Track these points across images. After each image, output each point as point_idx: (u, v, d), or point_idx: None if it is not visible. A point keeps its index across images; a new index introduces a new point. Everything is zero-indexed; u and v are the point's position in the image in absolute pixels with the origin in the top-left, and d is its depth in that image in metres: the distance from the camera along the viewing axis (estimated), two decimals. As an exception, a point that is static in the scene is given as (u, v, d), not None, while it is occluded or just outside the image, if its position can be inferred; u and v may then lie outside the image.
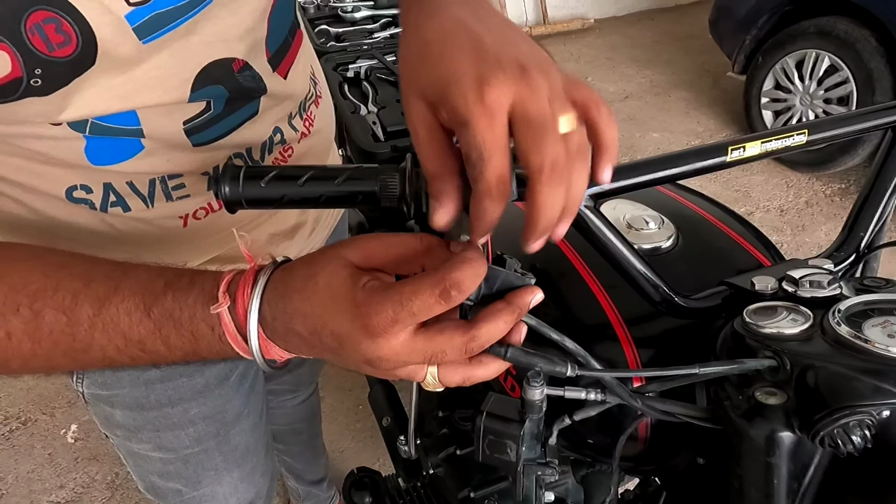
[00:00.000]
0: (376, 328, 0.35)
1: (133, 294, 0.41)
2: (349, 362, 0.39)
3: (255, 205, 0.45)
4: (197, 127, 0.54)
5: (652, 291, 0.53)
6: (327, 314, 0.37)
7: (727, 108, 3.26)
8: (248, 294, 0.39)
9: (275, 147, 0.62)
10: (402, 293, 0.34)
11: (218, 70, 0.51)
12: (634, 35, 4.25)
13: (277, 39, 0.57)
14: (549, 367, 0.41)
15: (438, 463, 1.04)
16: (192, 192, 0.58)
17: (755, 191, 2.66)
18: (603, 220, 0.48)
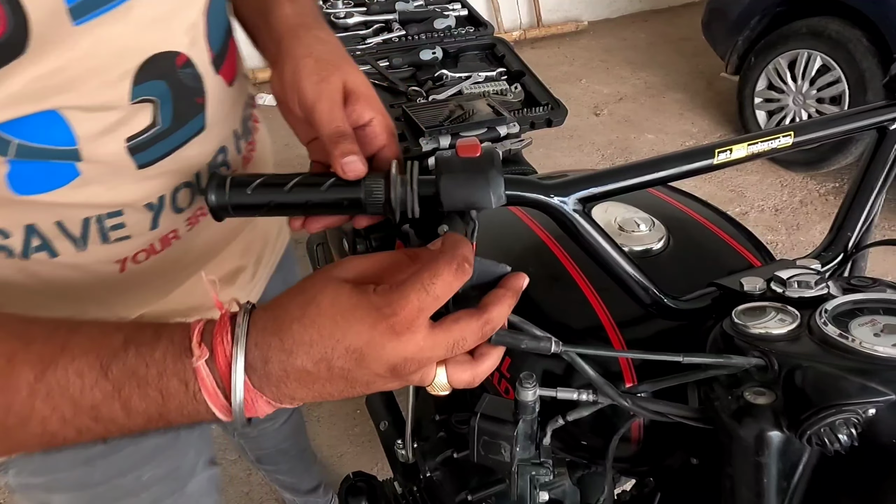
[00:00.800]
0: (402, 322, 0.35)
1: (85, 352, 0.36)
2: (365, 379, 0.37)
3: (242, 211, 0.46)
4: (142, 144, 0.49)
5: (642, 294, 0.53)
6: (339, 332, 0.35)
7: (721, 108, 3.28)
8: (228, 341, 0.36)
9: (219, 171, 0.58)
10: (421, 280, 0.36)
11: (161, 64, 0.47)
12: (628, 37, 4.27)
13: (218, 38, 0.54)
14: (534, 343, 0.42)
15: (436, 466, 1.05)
16: (132, 230, 0.52)
17: (750, 191, 2.67)
18: (592, 224, 0.49)
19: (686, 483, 0.61)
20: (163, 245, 0.55)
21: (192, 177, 0.54)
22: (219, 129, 0.56)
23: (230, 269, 0.66)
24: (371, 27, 1.32)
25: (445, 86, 1.17)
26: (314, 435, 1.72)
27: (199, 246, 0.59)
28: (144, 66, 0.46)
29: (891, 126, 0.57)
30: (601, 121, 3.26)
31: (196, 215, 0.56)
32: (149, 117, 0.48)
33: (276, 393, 0.37)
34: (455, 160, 0.43)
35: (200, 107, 0.52)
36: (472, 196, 0.42)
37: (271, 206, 0.45)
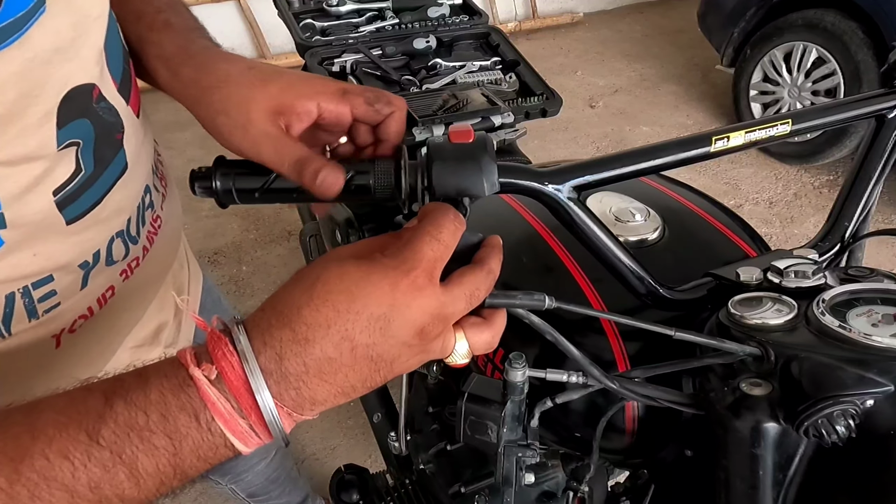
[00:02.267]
0: (423, 275, 0.34)
1: (63, 427, 0.30)
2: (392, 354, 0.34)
3: (249, 197, 0.45)
4: (70, 196, 0.43)
5: (637, 284, 0.52)
6: (358, 302, 0.33)
7: (716, 101, 3.27)
8: (232, 351, 0.32)
9: (146, 213, 0.53)
10: (428, 231, 0.36)
11: (80, 99, 0.42)
12: (624, 29, 4.25)
13: (118, 65, 0.48)
14: (528, 301, 0.41)
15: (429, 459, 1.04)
16: (64, 297, 0.45)
17: (744, 183, 2.67)
18: (587, 213, 0.48)
19: (680, 475, 0.60)
20: (100, 305, 0.49)
21: (124, 224, 0.49)
22: (140, 167, 0.51)
23: (153, 329, 0.60)
24: (364, 15, 1.30)
25: (439, 75, 1.16)
26: (307, 427, 1.72)
27: (132, 299, 0.54)
28: (64, 103, 0.41)
29: (889, 115, 0.56)
30: (596, 113, 3.25)
31: (130, 265, 0.51)
32: (72, 164, 0.43)
33: (296, 398, 0.33)
34: (447, 146, 0.42)
35: (119, 143, 0.48)
36: (464, 183, 0.41)
37: (279, 191, 0.44)
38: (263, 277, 2.23)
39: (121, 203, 0.49)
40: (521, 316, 0.42)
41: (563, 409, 0.54)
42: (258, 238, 2.42)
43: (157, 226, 0.56)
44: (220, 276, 2.23)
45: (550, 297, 0.41)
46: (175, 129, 3.11)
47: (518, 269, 0.67)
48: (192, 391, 0.31)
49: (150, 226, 0.54)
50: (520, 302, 0.41)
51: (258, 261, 2.31)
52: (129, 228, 0.50)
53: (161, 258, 0.58)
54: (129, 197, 0.50)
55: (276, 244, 2.38)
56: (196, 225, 2.47)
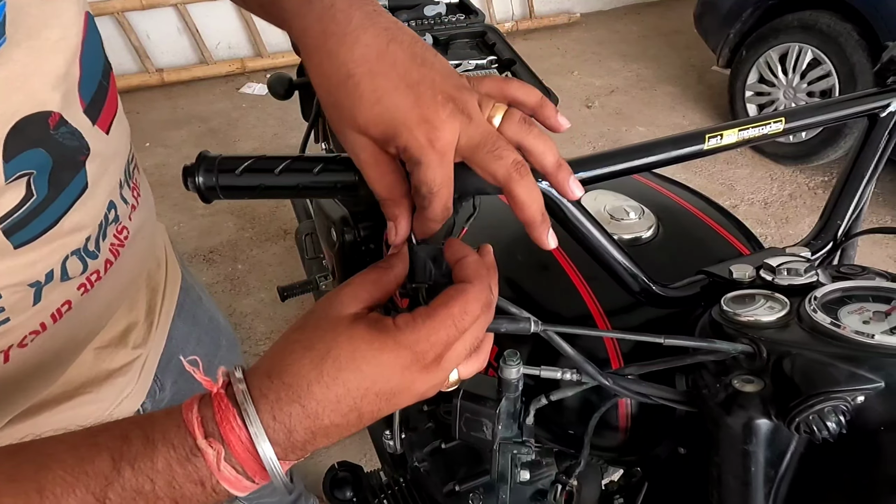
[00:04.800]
0: (434, 359, 0.34)
1: (70, 489, 0.30)
2: (391, 409, 0.35)
3: (231, 193, 0.44)
4: (18, 223, 0.41)
5: (631, 281, 0.52)
6: (367, 381, 0.33)
7: (712, 102, 3.28)
8: (241, 426, 0.32)
9: (109, 228, 0.51)
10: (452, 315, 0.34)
11: (32, 128, 0.40)
12: (621, 30, 4.26)
13: (91, 85, 0.46)
14: (512, 325, 0.41)
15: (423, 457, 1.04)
16: (13, 313, 0.44)
17: (740, 184, 2.68)
18: (581, 210, 0.48)
19: (673, 473, 0.60)
20: (54, 320, 0.47)
21: (81, 242, 0.47)
22: (104, 184, 0.48)
23: (120, 330, 0.58)
24: (360, 14, 1.30)
25: (435, 73, 1.16)
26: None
27: (92, 311, 0.52)
28: (11, 135, 0.38)
29: (881, 113, 0.56)
30: (593, 113, 3.26)
31: (89, 279, 0.49)
32: (22, 191, 0.40)
33: (300, 454, 0.35)
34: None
35: (81, 164, 0.45)
36: (485, 183, 0.40)
37: (261, 188, 0.44)
38: (259, 276, 2.23)
39: (79, 223, 0.47)
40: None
41: (557, 406, 0.54)
42: (254, 236, 2.41)
43: (122, 237, 0.53)
44: (215, 274, 2.23)
45: (535, 321, 0.41)
46: (171, 128, 3.11)
47: (513, 268, 0.67)
48: (198, 462, 0.32)
49: (114, 238, 0.52)
50: (504, 328, 0.41)
51: (254, 259, 2.31)
52: (87, 245, 0.48)
53: (129, 267, 0.56)
54: (88, 216, 0.48)
55: (272, 242, 2.38)
56: (191, 223, 2.46)
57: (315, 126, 1.50)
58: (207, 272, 2.24)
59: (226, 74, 3.65)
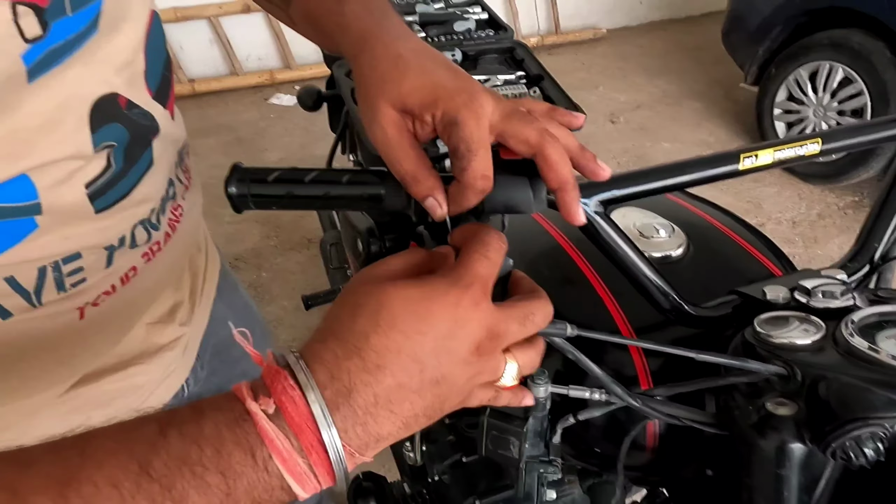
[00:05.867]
0: (479, 290, 0.35)
1: (113, 453, 0.29)
2: (454, 375, 0.34)
3: (262, 202, 0.46)
4: (100, 189, 0.46)
5: (662, 299, 0.52)
6: (424, 323, 0.33)
7: (739, 119, 3.25)
8: (293, 385, 0.31)
9: (167, 204, 0.55)
10: (477, 250, 0.36)
11: (108, 107, 0.45)
12: (646, 45, 4.25)
13: (156, 74, 0.51)
14: (548, 329, 0.41)
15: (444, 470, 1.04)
16: (90, 273, 0.48)
17: (767, 202, 2.65)
18: (613, 227, 0.48)
19: (700, 494, 0.59)
20: (122, 283, 0.52)
21: (147, 213, 0.51)
22: (164, 162, 0.53)
23: (168, 307, 0.62)
24: (391, 28, 1.32)
25: (464, 88, 1.17)
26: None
27: (152, 280, 0.57)
28: (93, 111, 0.43)
29: (921, 136, 0.56)
30: (617, 128, 3.25)
31: (151, 249, 0.54)
32: (104, 161, 0.46)
33: (362, 435, 0.32)
34: (497, 162, 0.42)
35: (149, 142, 0.50)
36: (514, 199, 0.41)
37: (290, 197, 0.45)
38: (282, 284, 2.25)
39: (146, 195, 0.51)
40: (549, 340, 0.42)
41: (583, 424, 0.54)
42: (278, 245, 2.44)
43: (178, 214, 0.58)
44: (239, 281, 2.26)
45: (572, 326, 0.41)
46: (200, 136, 3.17)
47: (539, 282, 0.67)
48: (248, 426, 0.30)
49: (171, 214, 0.57)
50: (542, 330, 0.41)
51: (277, 267, 2.33)
52: (152, 217, 0.53)
53: (181, 244, 0.60)
54: (153, 189, 0.52)
55: (296, 251, 2.41)
56: (217, 230, 2.50)
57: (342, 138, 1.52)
58: (232, 279, 2.27)
59: (255, 85, 3.72)
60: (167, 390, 0.62)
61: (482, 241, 0.37)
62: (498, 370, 0.38)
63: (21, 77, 0.37)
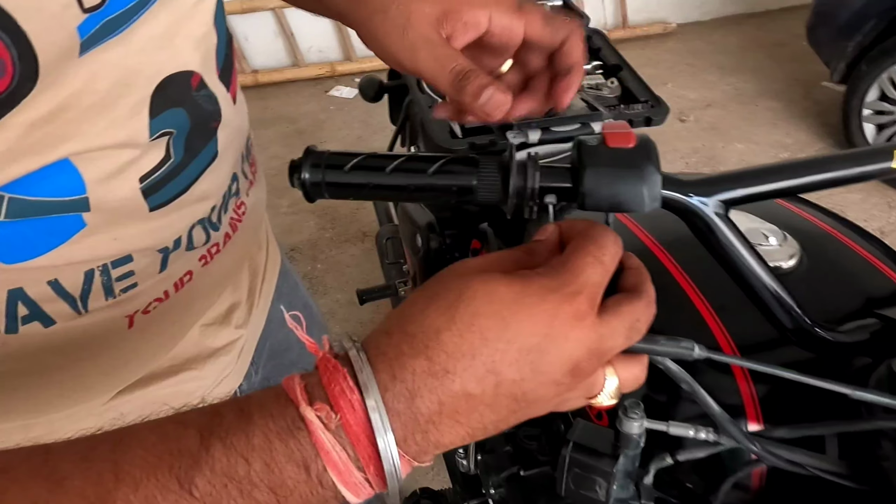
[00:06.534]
0: (586, 302, 0.29)
1: (152, 470, 0.25)
2: (537, 393, 0.29)
3: (338, 192, 0.41)
4: (156, 183, 0.41)
5: (784, 317, 0.45)
6: (509, 330, 0.28)
7: (820, 119, 3.03)
8: (352, 387, 0.27)
9: (230, 201, 0.50)
10: (590, 251, 0.30)
11: (175, 88, 0.40)
12: (718, 41, 4.04)
13: (223, 49, 0.46)
14: (672, 348, 0.34)
15: (499, 483, 0.98)
16: (141, 278, 0.43)
17: (852, 210, 2.45)
18: (734, 231, 0.41)
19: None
20: (176, 289, 0.47)
21: (207, 212, 0.47)
22: (230, 155, 0.49)
23: (225, 309, 0.58)
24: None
25: (536, 77, 1.10)
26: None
27: (208, 284, 0.52)
28: (157, 92, 0.39)
29: None
30: (686, 127, 3.09)
31: (210, 251, 0.49)
32: (162, 152, 0.41)
33: (421, 443, 0.28)
34: (603, 151, 0.36)
35: (213, 132, 0.45)
36: (622, 196, 0.35)
37: (370, 187, 0.40)
38: (337, 276, 2.24)
39: (207, 191, 0.46)
40: (657, 361, 0.36)
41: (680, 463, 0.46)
42: (334, 237, 2.43)
43: (240, 213, 0.53)
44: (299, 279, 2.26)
45: (701, 346, 0.34)
46: (260, 127, 3.21)
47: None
48: (302, 436, 0.26)
49: (234, 213, 0.52)
50: (663, 349, 0.34)
51: (332, 259, 2.32)
52: (212, 216, 0.48)
53: (242, 244, 0.55)
54: (215, 185, 0.47)
55: (351, 244, 2.39)
56: (274, 221, 2.51)
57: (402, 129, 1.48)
58: (287, 269, 2.27)
59: (315, 77, 3.74)
60: (220, 395, 0.57)
61: (597, 242, 0.31)
62: (594, 387, 0.32)
63: (75, 50, 0.33)
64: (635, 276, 0.34)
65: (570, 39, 0.42)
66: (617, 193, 0.36)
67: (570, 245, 0.31)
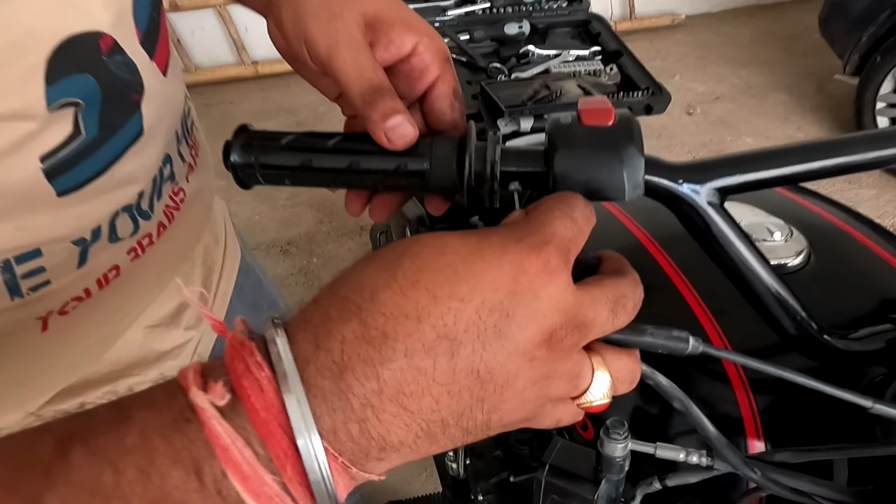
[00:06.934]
0: (556, 253, 0.24)
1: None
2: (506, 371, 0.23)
3: (272, 173, 0.36)
4: (63, 163, 0.35)
5: (788, 322, 0.39)
6: (465, 285, 0.23)
7: (833, 113, 2.96)
8: (260, 363, 0.22)
9: (164, 186, 0.45)
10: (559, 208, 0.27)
11: (81, 49, 0.34)
12: (729, 33, 3.96)
13: (144, 13, 0.40)
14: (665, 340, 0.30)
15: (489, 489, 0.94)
16: (55, 275, 0.38)
17: (864, 206, 2.38)
18: (730, 223, 0.36)
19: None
20: (100, 286, 0.41)
21: (133, 198, 0.41)
22: (160, 133, 0.43)
23: (172, 308, 0.52)
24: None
25: (531, 63, 1.05)
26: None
27: (143, 281, 0.46)
28: (57, 55, 0.33)
29: None
30: (694, 120, 3.02)
31: (140, 243, 0.44)
32: (68, 126, 0.35)
33: (358, 437, 0.22)
34: (578, 129, 0.31)
35: (136, 105, 0.40)
36: (599, 181, 0.30)
37: (307, 169, 0.35)
38: (333, 270, 2.19)
39: (132, 174, 0.40)
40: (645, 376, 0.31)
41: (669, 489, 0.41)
42: (331, 231, 2.39)
43: (178, 199, 0.47)
44: (290, 266, 2.22)
45: (696, 338, 0.29)
46: (260, 119, 3.17)
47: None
48: (192, 429, 0.20)
49: (170, 200, 0.46)
50: (652, 340, 0.29)
51: (329, 253, 2.28)
52: (141, 203, 0.42)
53: (184, 235, 0.50)
54: (142, 167, 0.41)
55: (348, 238, 2.35)
56: (272, 214, 2.48)
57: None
58: (283, 264, 2.23)
59: (317, 69, 3.69)
60: None
61: (564, 200, 0.27)
62: (580, 378, 0.27)
63: None
64: (616, 263, 0.29)
65: (451, 123, 0.37)
66: (593, 179, 0.31)
67: (536, 208, 0.27)
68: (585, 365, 0.27)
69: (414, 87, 0.37)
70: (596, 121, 0.31)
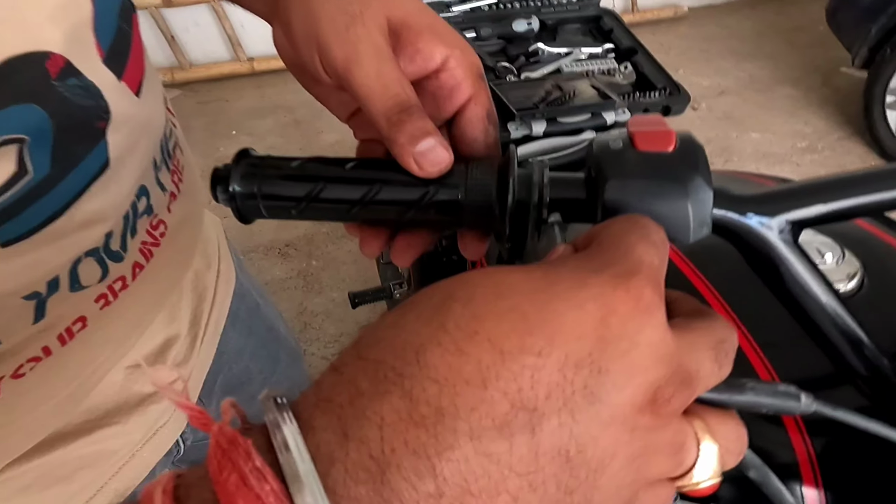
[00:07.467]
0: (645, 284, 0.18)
1: None
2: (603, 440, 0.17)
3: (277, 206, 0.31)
4: (6, 209, 0.30)
5: (855, 360, 0.35)
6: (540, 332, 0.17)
7: (840, 108, 2.91)
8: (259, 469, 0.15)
9: (139, 222, 0.39)
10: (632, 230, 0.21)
11: (21, 76, 0.29)
12: (733, 26, 3.91)
13: (108, 26, 0.35)
14: (770, 396, 0.23)
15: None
16: (6, 334, 0.33)
17: None
18: (802, 259, 0.31)
19: None
20: (63, 343, 0.36)
21: (99, 240, 0.35)
22: (133, 163, 0.37)
23: (157, 344, 0.46)
24: (457, -7, 1.15)
25: (541, 62, 1.00)
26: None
27: (117, 330, 0.41)
28: None
29: None
30: (699, 115, 2.97)
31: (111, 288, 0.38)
32: (11, 165, 0.29)
33: None
34: (631, 156, 0.26)
35: (100, 133, 0.34)
36: (659, 220, 0.25)
37: (319, 200, 0.30)
38: (332, 273, 2.15)
39: (97, 213, 0.35)
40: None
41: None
42: (330, 232, 2.34)
43: (157, 234, 0.41)
44: (289, 269, 2.17)
45: (808, 395, 0.24)
46: (257, 116, 3.11)
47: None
48: None
49: (147, 236, 0.40)
50: (755, 399, 0.23)
51: (328, 256, 2.23)
52: (110, 244, 0.36)
53: (167, 271, 0.44)
54: (110, 204, 0.36)
55: (348, 240, 2.30)
56: (270, 214, 2.42)
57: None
58: (281, 266, 2.18)
59: (314, 65, 3.64)
60: (155, 451, 0.46)
61: (637, 222, 0.22)
62: (685, 452, 0.20)
63: None
64: (688, 302, 0.24)
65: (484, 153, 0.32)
66: (657, 213, 0.26)
67: (602, 231, 0.22)
68: (689, 434, 0.20)
69: (442, 107, 0.32)
70: (654, 146, 0.26)
